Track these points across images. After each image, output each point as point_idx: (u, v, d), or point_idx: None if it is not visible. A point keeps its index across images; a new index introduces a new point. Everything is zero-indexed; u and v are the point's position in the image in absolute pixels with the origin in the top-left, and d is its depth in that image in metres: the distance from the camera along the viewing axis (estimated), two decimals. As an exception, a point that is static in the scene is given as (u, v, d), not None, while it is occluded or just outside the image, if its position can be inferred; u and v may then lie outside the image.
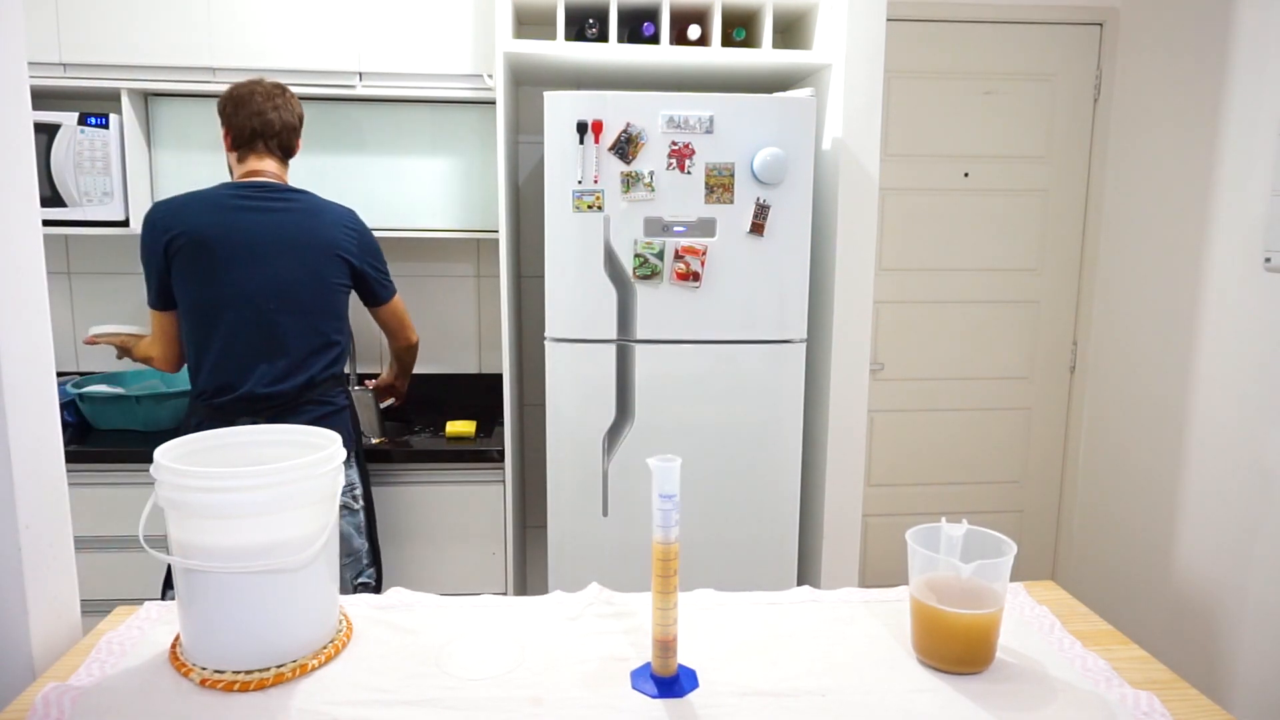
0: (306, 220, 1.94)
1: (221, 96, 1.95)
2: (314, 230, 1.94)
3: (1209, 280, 2.32)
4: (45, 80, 2.25)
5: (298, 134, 2.01)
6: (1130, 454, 2.66)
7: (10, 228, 1.05)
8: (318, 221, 1.95)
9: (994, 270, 2.86)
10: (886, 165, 2.71)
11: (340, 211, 2.01)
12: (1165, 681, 1.02)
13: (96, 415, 2.32)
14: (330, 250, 1.95)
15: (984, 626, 1.01)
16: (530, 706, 0.94)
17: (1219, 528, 2.27)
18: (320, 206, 1.99)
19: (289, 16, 2.28)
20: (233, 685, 0.96)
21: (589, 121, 2.06)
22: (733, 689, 0.98)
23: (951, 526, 1.08)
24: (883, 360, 2.87)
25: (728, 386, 2.20)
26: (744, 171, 2.12)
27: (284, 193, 1.95)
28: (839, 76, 2.19)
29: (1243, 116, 2.20)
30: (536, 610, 1.17)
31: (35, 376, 1.10)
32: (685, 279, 2.14)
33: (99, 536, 2.16)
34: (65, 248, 2.60)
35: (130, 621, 1.13)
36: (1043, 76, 2.77)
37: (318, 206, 1.98)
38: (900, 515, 2.95)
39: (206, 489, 0.95)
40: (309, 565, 1.01)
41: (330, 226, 1.96)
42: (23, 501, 1.06)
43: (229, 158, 2.00)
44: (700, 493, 2.21)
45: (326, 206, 2.00)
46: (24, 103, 1.08)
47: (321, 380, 1.97)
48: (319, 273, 1.94)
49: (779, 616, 1.16)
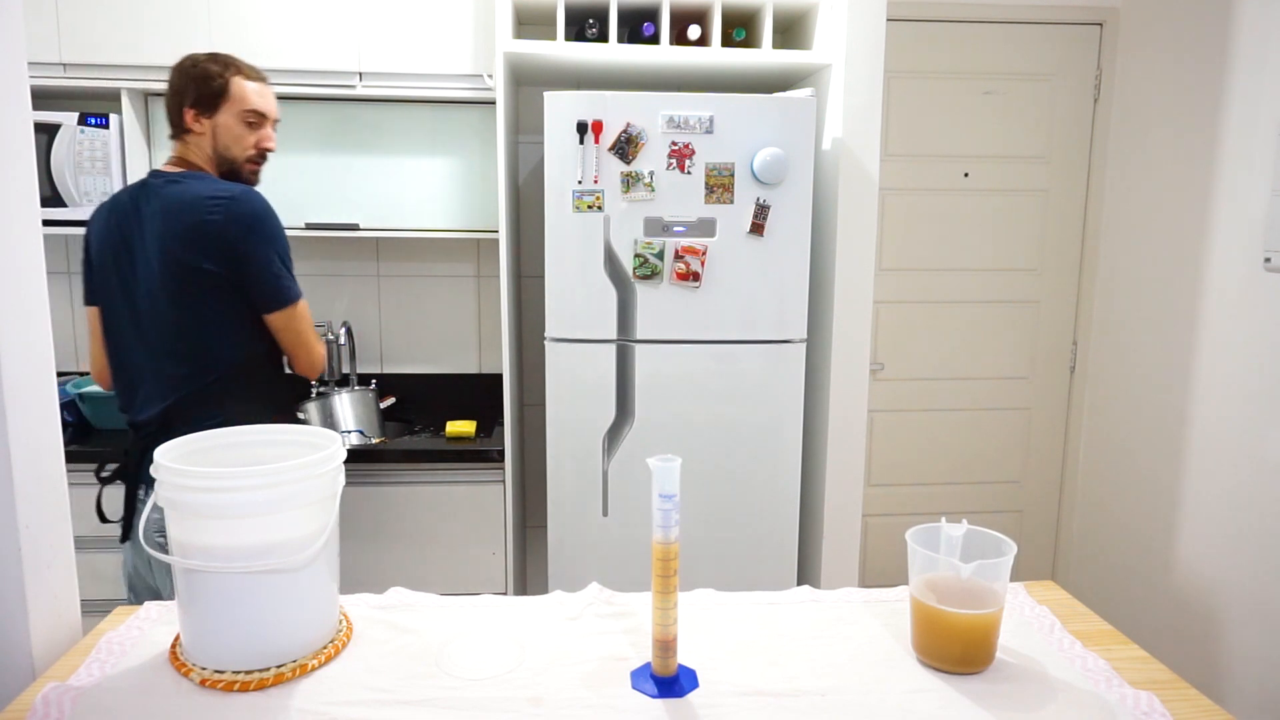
0: (170, 205, 1.62)
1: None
2: (174, 216, 1.61)
3: (1209, 280, 2.32)
4: (45, 80, 2.25)
5: (174, 106, 1.71)
6: (1130, 454, 2.66)
7: (10, 228, 1.05)
8: (180, 205, 1.61)
9: (994, 270, 2.86)
10: (886, 165, 2.71)
11: (213, 187, 1.64)
12: (1165, 681, 1.02)
13: (96, 415, 2.33)
14: (188, 238, 1.60)
15: (984, 626, 1.01)
16: (530, 706, 0.94)
17: (1219, 528, 2.27)
18: (192, 188, 1.63)
19: (289, 16, 2.28)
20: (233, 685, 0.96)
21: (589, 121, 2.06)
22: (733, 689, 0.98)
23: (951, 526, 1.08)
24: (883, 360, 2.87)
25: (727, 386, 2.20)
26: (744, 171, 2.12)
27: (158, 178, 1.68)
28: (839, 76, 2.19)
29: (1243, 116, 2.20)
30: (536, 610, 1.17)
31: (35, 376, 1.10)
32: (685, 279, 2.14)
33: (99, 536, 2.15)
34: (65, 248, 2.60)
35: (130, 621, 1.13)
36: (1043, 76, 2.77)
37: (188, 189, 1.63)
38: (900, 515, 2.95)
39: (206, 489, 0.95)
40: (309, 565, 1.01)
41: (191, 209, 1.60)
42: (23, 501, 1.06)
43: None
44: (700, 493, 2.21)
45: (199, 187, 1.64)
46: (24, 103, 1.08)
47: (191, 408, 1.63)
48: (172, 272, 1.61)
49: (779, 616, 1.16)
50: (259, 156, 1.78)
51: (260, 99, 1.75)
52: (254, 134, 1.74)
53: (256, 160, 1.77)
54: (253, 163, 1.77)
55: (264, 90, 1.77)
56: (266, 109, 1.76)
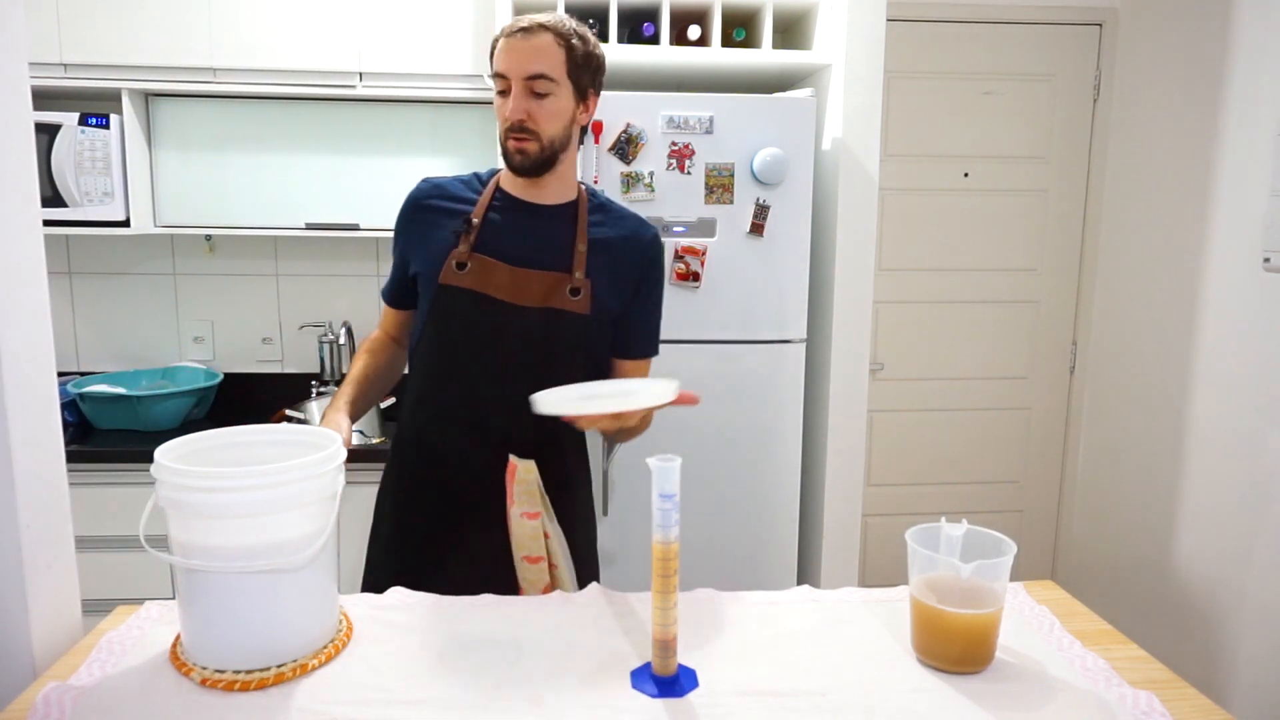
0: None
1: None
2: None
3: (1209, 280, 2.32)
4: (45, 80, 2.25)
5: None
6: (1130, 454, 2.66)
7: (10, 228, 1.05)
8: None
9: (994, 270, 2.86)
10: (886, 165, 2.71)
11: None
12: (1164, 681, 1.02)
13: (96, 415, 2.33)
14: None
15: (984, 626, 1.01)
16: (530, 706, 0.94)
17: (1219, 528, 2.27)
18: None
19: (289, 16, 2.28)
20: (233, 685, 0.96)
21: (589, 122, 2.06)
22: (733, 689, 0.98)
23: (951, 526, 1.08)
24: (883, 360, 2.87)
25: (727, 386, 2.20)
26: (744, 172, 2.12)
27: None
28: (839, 77, 2.19)
29: (1243, 116, 2.20)
30: (536, 610, 1.17)
31: (35, 376, 1.10)
32: (685, 279, 2.14)
33: (99, 536, 2.16)
34: (65, 248, 2.60)
35: (130, 621, 1.13)
36: (1043, 76, 2.77)
37: None
38: (900, 515, 2.95)
39: (207, 489, 0.95)
40: (309, 565, 1.01)
41: None
42: (23, 501, 1.06)
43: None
44: (700, 493, 2.21)
45: None
46: (24, 103, 1.08)
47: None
48: None
49: (779, 616, 1.16)
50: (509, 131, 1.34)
51: (501, 57, 1.32)
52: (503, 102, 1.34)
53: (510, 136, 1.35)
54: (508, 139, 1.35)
55: (511, 45, 1.31)
56: (506, 69, 1.32)
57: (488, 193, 1.43)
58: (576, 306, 1.37)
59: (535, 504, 1.34)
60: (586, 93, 1.39)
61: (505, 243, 1.38)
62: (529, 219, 1.41)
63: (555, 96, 1.33)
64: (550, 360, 1.36)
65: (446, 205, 1.43)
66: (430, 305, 1.39)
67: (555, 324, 1.36)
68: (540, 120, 1.33)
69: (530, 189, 1.41)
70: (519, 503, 1.34)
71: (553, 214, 1.42)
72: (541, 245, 1.39)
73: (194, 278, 2.66)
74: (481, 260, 1.36)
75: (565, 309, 1.36)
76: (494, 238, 1.39)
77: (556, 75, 1.32)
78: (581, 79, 1.36)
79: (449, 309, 1.37)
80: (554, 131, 1.34)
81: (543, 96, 1.32)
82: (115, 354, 2.66)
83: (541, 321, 1.36)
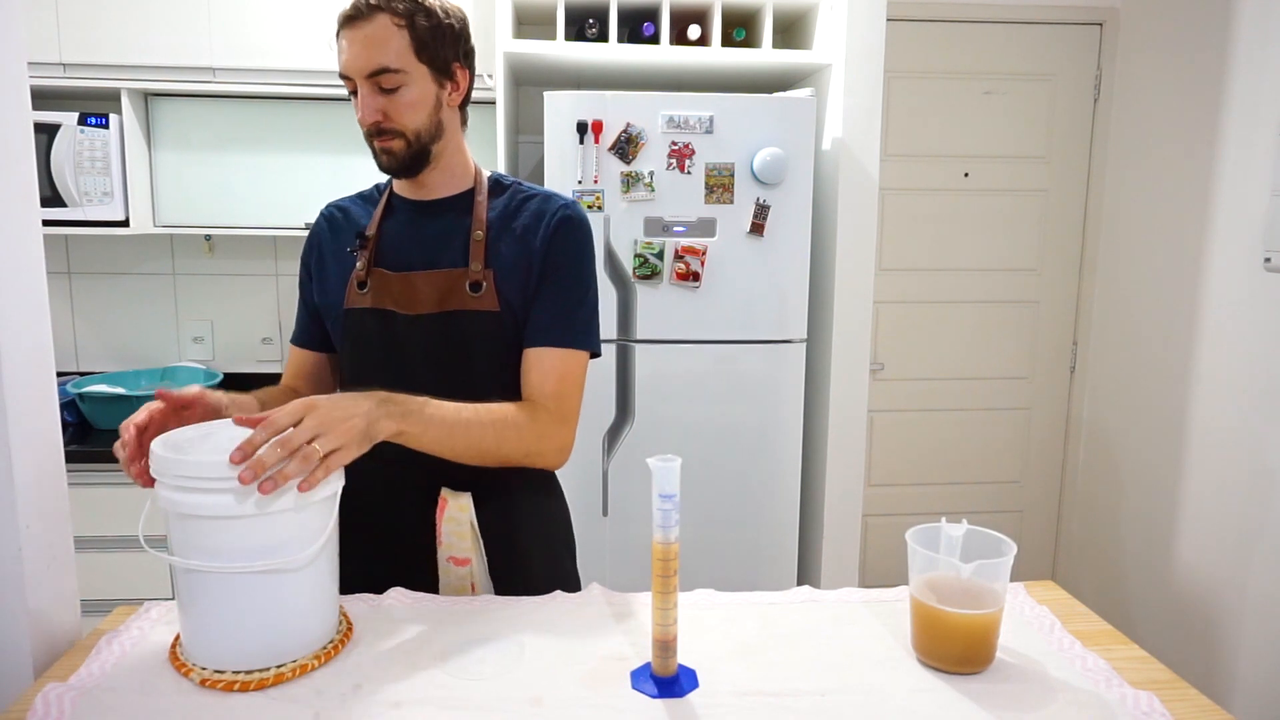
0: None
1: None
2: None
3: (1209, 280, 2.32)
4: (45, 80, 2.24)
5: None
6: (1130, 454, 2.66)
7: (10, 228, 1.05)
8: None
9: (994, 270, 2.86)
10: (886, 165, 2.71)
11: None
12: (1165, 681, 1.02)
13: (96, 415, 2.32)
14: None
15: (984, 626, 1.01)
16: (530, 706, 0.94)
17: (1219, 528, 2.27)
18: None
19: (289, 16, 2.28)
20: (232, 685, 0.96)
21: (589, 121, 2.06)
22: (733, 689, 0.98)
23: (951, 526, 1.08)
24: (883, 360, 2.87)
25: (727, 386, 2.20)
26: (744, 171, 2.12)
27: None
28: (839, 76, 2.19)
29: (1243, 116, 2.20)
30: (536, 610, 1.17)
31: (35, 376, 1.10)
32: (685, 279, 2.14)
33: (99, 536, 2.16)
34: (65, 248, 2.60)
35: (130, 621, 1.13)
36: (1043, 76, 2.77)
37: None
38: (900, 515, 2.95)
39: (207, 489, 0.95)
40: (309, 565, 1.01)
41: None
42: (23, 501, 1.06)
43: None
44: (700, 493, 2.21)
45: None
46: (24, 103, 1.08)
47: None
48: None
49: (779, 616, 1.16)
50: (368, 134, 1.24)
51: (341, 56, 1.19)
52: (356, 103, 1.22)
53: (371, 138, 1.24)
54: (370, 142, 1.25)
55: (347, 39, 1.17)
56: (345, 68, 1.19)
57: (383, 201, 1.32)
58: (480, 304, 1.22)
59: (465, 547, 1.21)
60: (450, 68, 1.21)
61: (400, 250, 1.27)
62: (422, 218, 1.29)
63: (408, 87, 1.17)
64: (461, 367, 1.23)
65: (346, 226, 1.33)
66: (341, 334, 1.29)
67: (456, 327, 1.22)
68: (397, 116, 1.19)
69: (416, 188, 1.29)
70: (446, 544, 1.22)
71: (445, 207, 1.29)
72: (437, 243, 1.26)
73: (193, 278, 2.66)
74: (379, 274, 1.25)
75: (465, 309, 1.22)
76: (390, 248, 1.27)
77: (403, 64, 1.16)
78: (437, 57, 1.19)
79: (356, 333, 1.27)
80: (418, 124, 1.20)
81: (393, 91, 1.17)
82: (115, 354, 2.66)
83: (440, 329, 1.22)
